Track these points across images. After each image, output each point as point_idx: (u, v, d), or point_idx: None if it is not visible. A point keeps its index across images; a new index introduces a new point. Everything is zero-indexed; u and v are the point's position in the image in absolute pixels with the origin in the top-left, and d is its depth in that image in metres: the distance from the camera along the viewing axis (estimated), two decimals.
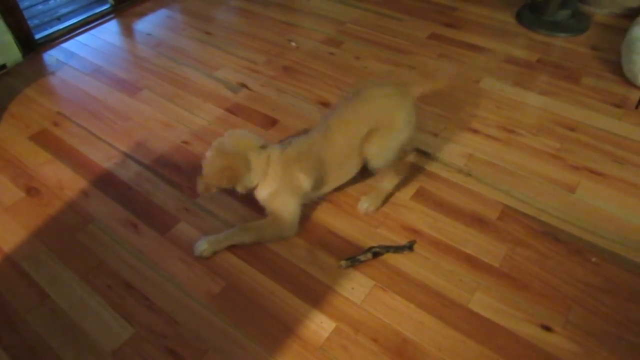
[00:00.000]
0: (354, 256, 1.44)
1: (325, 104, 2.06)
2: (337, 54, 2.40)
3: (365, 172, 1.61)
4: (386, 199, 1.61)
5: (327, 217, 1.59)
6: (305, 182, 1.48)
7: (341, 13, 2.75)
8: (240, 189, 1.49)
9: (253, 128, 1.94)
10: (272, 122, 1.97)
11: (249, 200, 1.64)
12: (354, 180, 1.67)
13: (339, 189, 1.63)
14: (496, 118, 1.96)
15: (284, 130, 1.94)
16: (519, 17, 2.64)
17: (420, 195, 1.65)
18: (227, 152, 1.43)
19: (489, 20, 2.66)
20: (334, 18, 2.71)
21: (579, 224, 1.55)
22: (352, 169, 1.57)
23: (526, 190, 1.66)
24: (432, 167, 1.75)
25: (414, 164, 1.73)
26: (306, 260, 1.46)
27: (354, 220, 1.58)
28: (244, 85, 2.20)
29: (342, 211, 1.61)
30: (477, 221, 1.56)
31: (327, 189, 1.59)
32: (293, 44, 2.47)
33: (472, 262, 1.44)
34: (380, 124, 1.48)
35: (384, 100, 1.51)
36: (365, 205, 1.59)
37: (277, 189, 1.48)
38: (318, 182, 1.51)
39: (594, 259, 1.45)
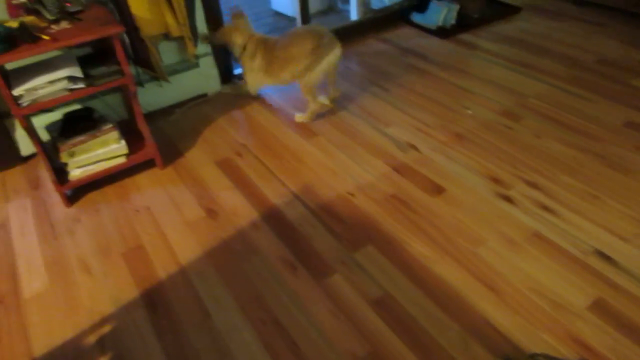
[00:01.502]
0: (513, 359, 1.31)
1: (496, 181, 1.97)
2: (515, 129, 2.28)
3: None
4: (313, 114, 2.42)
5: (486, 305, 1.48)
6: (258, 62, 2.45)
7: (523, 85, 2.63)
8: (235, 51, 2.49)
9: (417, 192, 1.93)
10: (437, 190, 1.94)
11: (403, 265, 1.62)
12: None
13: None
14: None
15: (451, 200, 1.89)
16: None
17: (600, 307, 1.45)
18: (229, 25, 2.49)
19: None
20: (514, 90, 2.60)
21: None
22: (286, 80, 2.44)
23: None
24: (617, 277, 1.54)
25: (595, 269, 1.54)
26: (458, 348, 1.37)
27: (515, 316, 1.45)
28: (413, 146, 2.21)
29: (503, 303, 1.49)
30: None
31: (273, 81, 2.49)
32: (469, 111, 2.43)
33: None
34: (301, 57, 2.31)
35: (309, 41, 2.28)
36: (300, 117, 2.46)
37: (245, 56, 2.46)
38: (268, 70, 2.43)
39: None
